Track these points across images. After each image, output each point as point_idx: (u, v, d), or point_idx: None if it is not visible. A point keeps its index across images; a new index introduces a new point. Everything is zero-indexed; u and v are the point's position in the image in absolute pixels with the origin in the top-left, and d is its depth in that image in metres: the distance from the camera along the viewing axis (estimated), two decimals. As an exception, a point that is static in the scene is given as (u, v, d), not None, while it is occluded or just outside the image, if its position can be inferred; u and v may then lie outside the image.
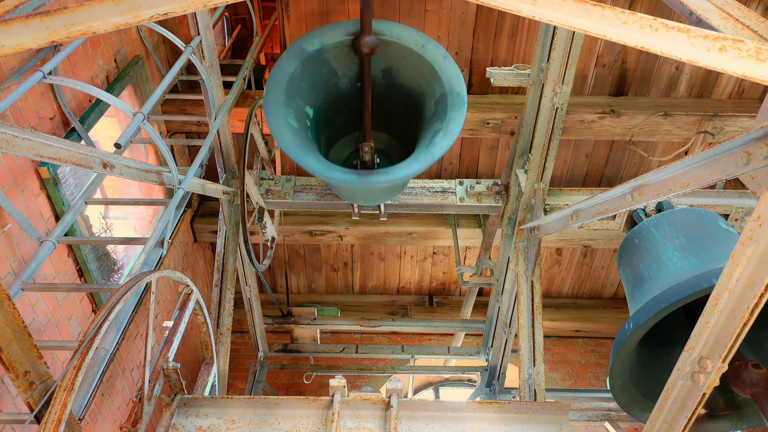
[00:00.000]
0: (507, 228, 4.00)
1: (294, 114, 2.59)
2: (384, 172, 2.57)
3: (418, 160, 2.53)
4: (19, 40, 1.25)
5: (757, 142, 1.28)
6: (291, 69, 2.56)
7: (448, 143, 2.52)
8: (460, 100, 2.56)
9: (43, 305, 3.45)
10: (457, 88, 2.58)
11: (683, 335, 2.70)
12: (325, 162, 2.59)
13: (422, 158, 2.52)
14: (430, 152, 2.51)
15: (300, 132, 2.59)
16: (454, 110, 2.55)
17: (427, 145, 2.54)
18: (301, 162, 2.46)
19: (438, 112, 2.61)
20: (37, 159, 2.01)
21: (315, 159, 2.53)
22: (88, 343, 1.86)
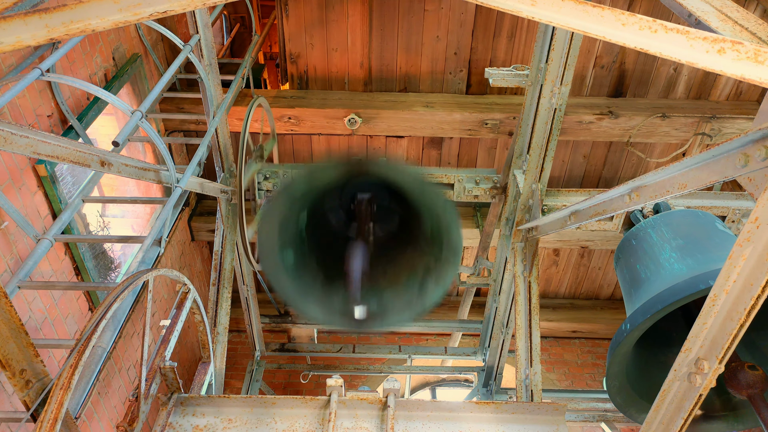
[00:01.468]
0: (505, 228, 4.00)
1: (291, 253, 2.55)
2: (378, 321, 2.55)
3: (411, 308, 2.51)
4: (18, 37, 1.25)
5: (755, 144, 1.28)
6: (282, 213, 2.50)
7: (440, 293, 2.48)
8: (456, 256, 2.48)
9: (40, 303, 3.44)
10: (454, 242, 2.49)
11: (680, 336, 2.71)
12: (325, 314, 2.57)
13: (414, 307, 2.50)
14: (422, 302, 2.49)
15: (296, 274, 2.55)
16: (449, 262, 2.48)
17: (419, 292, 2.51)
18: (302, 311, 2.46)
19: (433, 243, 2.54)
20: (35, 157, 2.01)
21: (317, 310, 2.53)
22: (85, 341, 1.85)
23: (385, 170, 2.42)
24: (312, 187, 2.47)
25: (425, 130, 5.25)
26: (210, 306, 3.69)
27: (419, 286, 2.51)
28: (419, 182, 2.43)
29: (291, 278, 2.47)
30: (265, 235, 2.40)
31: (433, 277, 2.47)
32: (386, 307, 2.59)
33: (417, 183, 2.43)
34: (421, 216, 2.53)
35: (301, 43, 5.19)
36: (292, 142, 5.76)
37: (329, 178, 2.47)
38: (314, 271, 2.62)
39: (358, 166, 2.42)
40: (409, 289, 2.55)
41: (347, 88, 5.43)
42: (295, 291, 2.46)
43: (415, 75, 5.36)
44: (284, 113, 5.13)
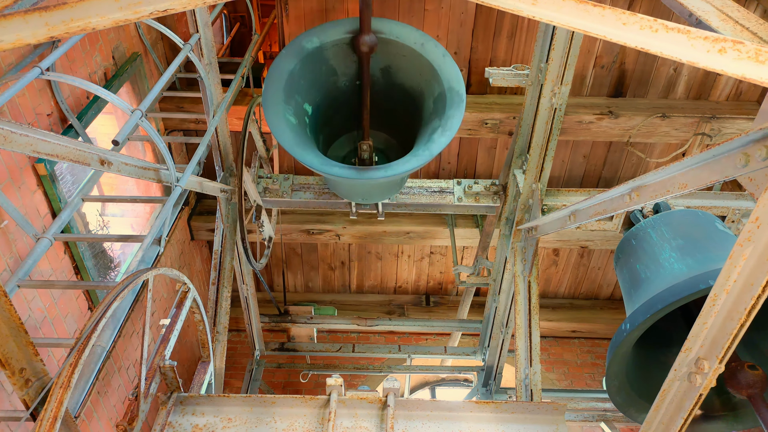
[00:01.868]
0: (504, 228, 4.00)
1: (293, 111, 2.58)
2: (382, 167, 2.57)
3: (417, 156, 2.53)
4: (18, 36, 1.25)
5: (755, 143, 1.28)
6: (290, 66, 2.55)
7: (446, 140, 2.51)
8: (459, 98, 2.56)
9: (40, 302, 3.44)
10: (455, 87, 2.58)
11: (680, 336, 2.71)
12: (323, 158, 2.59)
13: (421, 155, 2.52)
14: (428, 149, 2.51)
15: (299, 129, 2.58)
16: (453, 108, 2.55)
17: (426, 142, 2.54)
18: (300, 158, 2.46)
19: (437, 110, 2.61)
20: (35, 155, 2.01)
21: (314, 155, 2.53)
22: (85, 340, 1.85)
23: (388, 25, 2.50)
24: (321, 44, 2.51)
25: (425, 129, 5.25)
26: (210, 305, 3.69)
27: (426, 140, 2.54)
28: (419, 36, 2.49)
29: (294, 135, 2.50)
30: (271, 90, 2.44)
31: (439, 131, 2.52)
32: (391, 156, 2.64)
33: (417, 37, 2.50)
34: (425, 78, 2.59)
35: (301, 43, 5.18)
36: (291, 141, 5.75)
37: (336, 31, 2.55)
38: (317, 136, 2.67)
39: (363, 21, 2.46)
40: (417, 145, 2.59)
41: (347, 88, 5.42)
42: (296, 144, 2.48)
43: (415, 74, 5.35)
44: (284, 112, 5.12)
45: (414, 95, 2.79)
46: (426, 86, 2.69)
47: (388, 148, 3.23)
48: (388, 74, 2.79)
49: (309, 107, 2.74)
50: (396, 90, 2.84)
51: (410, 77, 2.75)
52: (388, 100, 2.90)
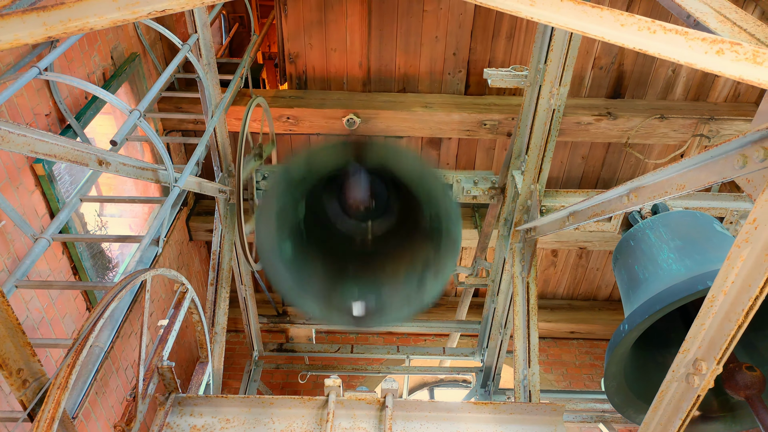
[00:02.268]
0: (503, 229, 4.00)
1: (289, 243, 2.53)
2: (376, 319, 2.55)
3: (410, 304, 2.51)
4: (16, 35, 1.25)
5: (753, 145, 1.28)
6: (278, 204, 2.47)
7: (439, 287, 2.47)
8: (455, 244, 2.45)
9: (37, 303, 3.44)
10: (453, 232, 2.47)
11: (678, 337, 2.71)
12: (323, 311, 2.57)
13: (413, 302, 2.50)
14: (420, 298, 2.49)
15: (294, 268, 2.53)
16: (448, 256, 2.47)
17: (418, 285, 2.51)
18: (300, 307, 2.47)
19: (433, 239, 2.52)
20: (33, 156, 2.00)
21: (314, 306, 2.52)
22: (83, 340, 1.85)
23: (384, 150, 2.41)
24: (311, 171, 2.44)
25: (424, 130, 5.26)
26: (208, 306, 3.68)
27: (418, 281, 2.50)
28: (418, 165, 2.41)
29: (289, 272, 2.45)
30: (262, 225, 2.38)
31: (432, 271, 2.46)
32: (385, 303, 2.58)
33: (416, 166, 2.41)
34: (420, 203, 2.51)
35: (300, 43, 5.19)
36: (290, 142, 5.76)
37: (328, 160, 2.44)
38: (313, 265, 2.61)
39: (357, 145, 2.39)
40: (408, 284, 2.54)
41: (346, 89, 5.43)
42: (293, 286, 2.45)
43: (413, 75, 5.36)
44: (283, 113, 5.13)
45: (414, 206, 2.69)
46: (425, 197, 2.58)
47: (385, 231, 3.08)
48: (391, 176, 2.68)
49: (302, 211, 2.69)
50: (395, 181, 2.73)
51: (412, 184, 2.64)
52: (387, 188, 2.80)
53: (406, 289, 2.53)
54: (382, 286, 2.59)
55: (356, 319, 2.50)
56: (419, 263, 2.53)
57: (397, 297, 2.53)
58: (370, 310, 2.48)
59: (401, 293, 2.53)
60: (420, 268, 2.52)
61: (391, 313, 2.51)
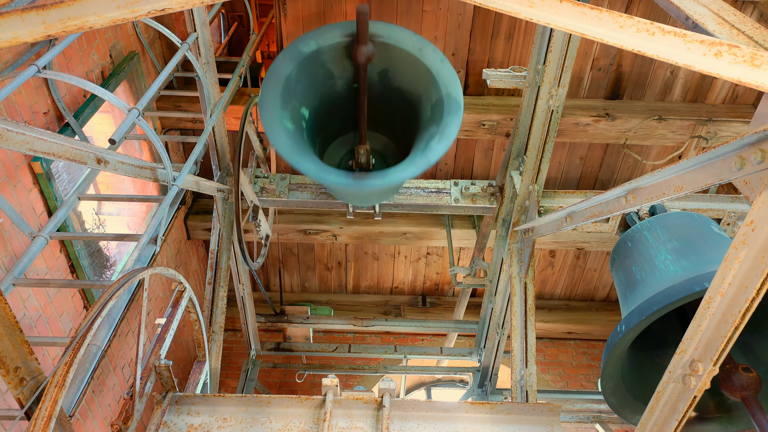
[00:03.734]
0: (501, 229, 4.00)
1: (290, 116, 2.57)
2: (379, 175, 2.56)
3: (414, 164, 2.52)
4: (15, 34, 1.24)
5: (750, 147, 1.29)
6: (287, 71, 2.54)
7: (443, 148, 2.50)
8: (457, 105, 2.55)
9: (35, 301, 3.43)
10: (453, 93, 2.57)
11: (675, 338, 2.72)
12: (320, 165, 2.58)
13: (417, 162, 2.51)
14: (425, 156, 2.50)
15: (295, 135, 2.57)
16: (450, 115, 2.53)
17: (423, 149, 2.53)
18: (297, 165, 2.45)
19: (434, 116, 2.60)
20: (31, 154, 2.00)
21: (311, 162, 2.52)
22: (80, 339, 1.85)
23: (386, 29, 2.50)
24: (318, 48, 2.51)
25: (422, 130, 5.25)
26: (206, 305, 3.68)
27: (423, 147, 2.54)
28: (417, 41, 2.48)
29: (290, 141, 2.49)
30: (268, 95, 2.43)
31: (437, 138, 2.51)
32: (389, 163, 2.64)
33: (415, 42, 2.49)
34: (423, 83, 2.58)
35: (299, 43, 5.18)
36: (289, 141, 5.75)
37: (334, 35, 2.52)
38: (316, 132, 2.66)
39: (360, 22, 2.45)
40: (414, 151, 2.59)
41: (345, 88, 5.42)
42: (293, 150, 2.47)
43: (412, 75, 5.36)
44: (281, 112, 5.12)
45: (412, 100, 2.78)
46: (424, 92, 2.68)
47: (385, 150, 3.22)
48: (386, 78, 2.78)
49: (306, 111, 2.73)
50: (393, 94, 2.83)
51: (408, 82, 2.73)
52: (385, 104, 2.89)
53: (411, 155, 2.58)
54: (387, 155, 2.63)
55: (357, 177, 2.51)
56: (424, 134, 2.58)
57: (403, 161, 2.57)
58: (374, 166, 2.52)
59: (406, 158, 2.58)
60: (425, 137, 2.57)
61: (396, 172, 2.52)
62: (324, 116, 2.89)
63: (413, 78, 2.70)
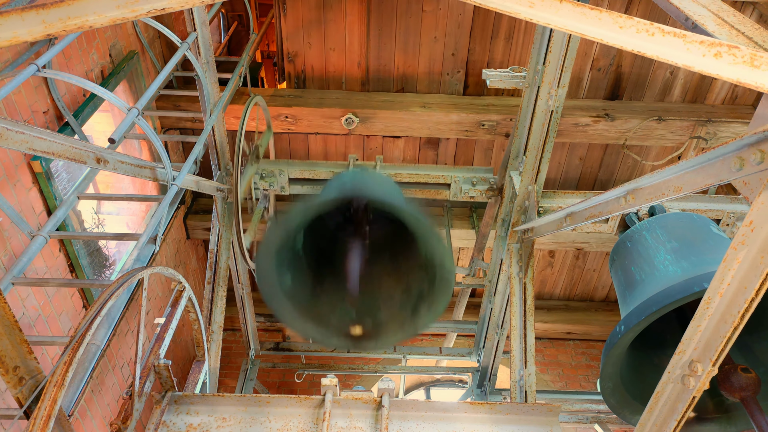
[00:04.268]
0: (500, 229, 4.00)
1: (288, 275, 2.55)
2: (373, 343, 2.57)
3: (403, 330, 2.53)
4: (15, 33, 1.24)
5: (750, 147, 1.29)
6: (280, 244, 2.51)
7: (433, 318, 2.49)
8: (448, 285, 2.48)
9: (34, 300, 3.43)
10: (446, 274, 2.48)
11: (674, 339, 2.71)
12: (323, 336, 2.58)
13: (407, 329, 2.52)
14: (414, 325, 2.51)
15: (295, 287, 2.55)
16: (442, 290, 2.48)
17: (411, 317, 2.53)
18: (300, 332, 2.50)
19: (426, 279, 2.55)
20: (30, 153, 2.00)
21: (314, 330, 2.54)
22: (79, 338, 1.85)
23: (381, 204, 2.45)
24: (309, 217, 2.48)
25: (422, 130, 5.26)
26: (205, 304, 3.68)
27: (412, 309, 2.52)
28: (413, 214, 2.43)
29: (289, 300, 2.47)
30: (262, 266, 2.40)
31: (426, 303, 2.49)
32: (380, 326, 2.61)
33: (411, 214, 2.43)
34: (416, 245, 2.54)
35: (299, 43, 5.19)
36: (288, 141, 5.76)
37: (326, 209, 2.50)
38: (311, 291, 2.63)
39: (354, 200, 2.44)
40: (403, 311, 2.56)
41: (344, 88, 5.43)
42: (292, 313, 2.46)
43: (412, 75, 5.36)
44: (281, 112, 5.12)
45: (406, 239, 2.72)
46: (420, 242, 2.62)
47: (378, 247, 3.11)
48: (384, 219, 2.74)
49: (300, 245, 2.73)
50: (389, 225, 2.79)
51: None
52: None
53: (400, 315, 2.56)
54: (377, 312, 2.61)
55: (353, 341, 2.52)
56: (414, 293, 2.56)
57: (393, 322, 2.56)
58: (366, 332, 2.51)
59: (396, 319, 2.56)
60: (414, 298, 2.55)
61: (387, 336, 2.53)
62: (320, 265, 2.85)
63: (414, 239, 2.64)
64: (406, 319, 2.53)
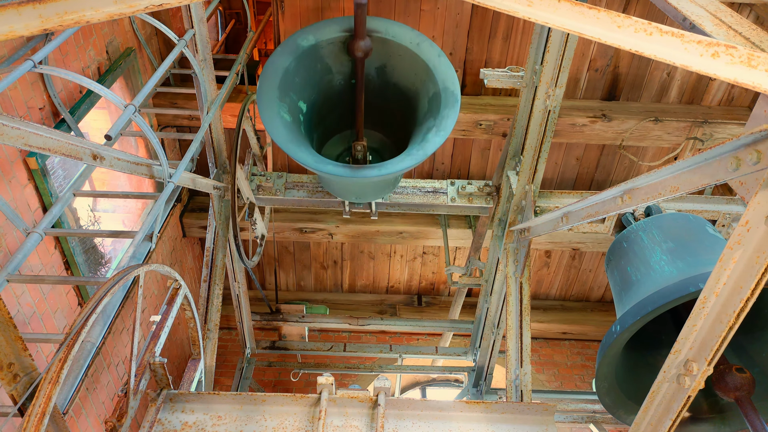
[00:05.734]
0: (497, 229, 4.01)
1: (287, 108, 2.57)
2: (376, 166, 2.57)
3: (411, 155, 2.52)
4: (11, 27, 1.24)
5: (746, 147, 1.29)
6: (285, 63, 2.54)
7: (440, 140, 2.51)
8: (454, 98, 2.55)
9: (29, 297, 3.42)
10: (450, 87, 2.58)
11: (669, 339, 2.73)
12: (317, 156, 2.58)
13: (415, 154, 2.51)
14: (422, 148, 2.51)
15: (293, 126, 2.57)
16: (448, 108, 2.54)
17: (420, 142, 2.54)
18: (294, 155, 2.44)
19: (431, 109, 2.61)
20: (26, 149, 1.99)
21: (308, 153, 2.52)
22: (75, 335, 1.84)
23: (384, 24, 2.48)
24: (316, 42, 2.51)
25: (419, 129, 5.26)
26: (201, 302, 3.67)
27: (421, 140, 2.54)
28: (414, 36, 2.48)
29: (288, 131, 2.49)
30: (266, 87, 2.42)
31: (434, 130, 2.52)
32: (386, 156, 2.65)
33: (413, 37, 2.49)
34: (420, 77, 2.58)
35: (297, 41, 5.17)
36: (285, 139, 5.74)
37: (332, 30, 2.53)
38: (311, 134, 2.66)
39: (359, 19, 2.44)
40: (412, 144, 2.59)
41: (342, 87, 5.42)
42: (290, 141, 2.47)
43: (410, 74, 5.36)
44: (278, 110, 5.12)
45: (409, 95, 2.79)
46: (421, 86, 2.68)
47: (382, 148, 3.22)
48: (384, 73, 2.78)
49: (303, 105, 2.73)
50: (391, 89, 2.83)
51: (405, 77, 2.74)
52: (383, 99, 2.89)
53: (408, 147, 2.58)
54: (383, 146, 2.64)
55: (353, 167, 2.51)
56: (423, 126, 2.59)
57: (399, 151, 2.58)
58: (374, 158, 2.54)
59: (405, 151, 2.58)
60: (423, 130, 2.57)
61: (393, 164, 2.51)
62: (322, 111, 2.90)
63: (411, 73, 2.71)
64: (415, 144, 2.55)
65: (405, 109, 2.86)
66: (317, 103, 2.83)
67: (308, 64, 2.63)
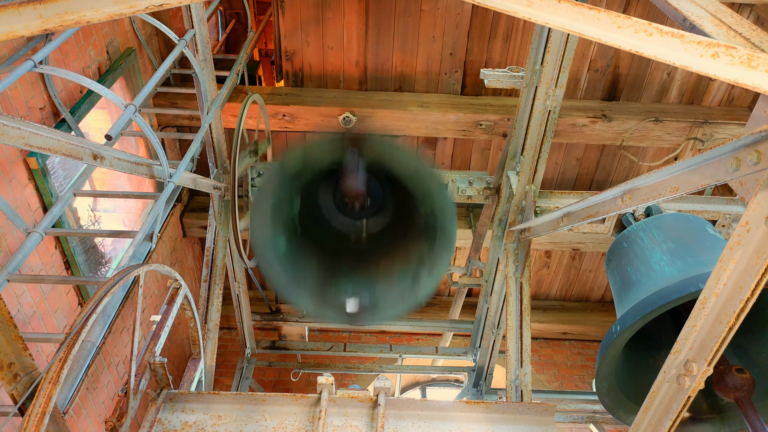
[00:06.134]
0: (497, 229, 4.01)
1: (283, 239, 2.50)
2: (370, 318, 2.53)
3: (403, 303, 2.48)
4: (11, 27, 1.24)
5: (746, 148, 1.29)
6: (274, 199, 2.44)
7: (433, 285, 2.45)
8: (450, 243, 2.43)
9: (29, 297, 3.42)
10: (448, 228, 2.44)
11: (669, 339, 2.73)
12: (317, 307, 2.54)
13: (407, 302, 2.47)
14: (413, 296, 2.47)
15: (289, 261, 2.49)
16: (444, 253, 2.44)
17: (411, 285, 2.48)
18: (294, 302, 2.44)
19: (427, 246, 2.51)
20: (26, 149, 1.99)
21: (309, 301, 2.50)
22: (75, 335, 1.84)
23: (381, 146, 2.37)
24: (306, 166, 2.40)
25: (420, 129, 5.26)
26: (201, 302, 3.67)
27: (412, 278, 2.48)
28: (414, 163, 2.38)
29: (283, 267, 2.43)
30: (257, 220, 2.35)
31: (426, 268, 2.44)
32: (378, 300, 2.57)
33: (412, 163, 2.38)
34: (415, 200, 2.50)
35: (297, 41, 5.18)
36: (286, 139, 5.75)
37: (324, 155, 2.39)
38: (307, 261, 2.59)
39: (354, 140, 2.35)
40: (402, 281, 2.52)
41: (342, 87, 5.43)
42: (287, 282, 2.43)
43: (410, 75, 5.36)
44: (279, 110, 5.12)
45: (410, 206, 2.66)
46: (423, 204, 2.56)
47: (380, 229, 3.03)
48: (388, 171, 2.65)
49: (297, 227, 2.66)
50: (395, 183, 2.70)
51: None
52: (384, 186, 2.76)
53: (400, 286, 2.52)
54: (376, 283, 2.57)
55: (350, 316, 2.48)
56: (413, 260, 2.52)
57: (391, 294, 2.51)
58: (363, 306, 2.47)
59: (395, 290, 2.52)
60: (414, 265, 2.50)
61: (385, 310, 2.49)
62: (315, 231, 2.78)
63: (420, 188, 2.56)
64: (406, 289, 2.48)
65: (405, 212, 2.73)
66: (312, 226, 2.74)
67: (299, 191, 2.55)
